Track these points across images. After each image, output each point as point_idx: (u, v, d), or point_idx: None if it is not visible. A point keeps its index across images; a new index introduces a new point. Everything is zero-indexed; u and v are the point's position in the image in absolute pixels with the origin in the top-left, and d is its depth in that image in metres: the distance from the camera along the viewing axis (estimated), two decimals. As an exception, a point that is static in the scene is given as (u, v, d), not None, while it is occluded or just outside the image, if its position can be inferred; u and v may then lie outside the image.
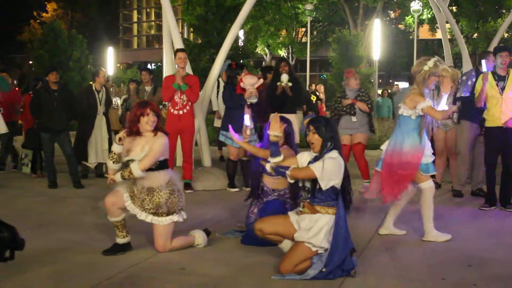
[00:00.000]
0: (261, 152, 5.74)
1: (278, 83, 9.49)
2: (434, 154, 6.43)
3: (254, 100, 8.65)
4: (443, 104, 6.37)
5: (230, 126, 6.14)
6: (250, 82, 8.65)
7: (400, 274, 5.10)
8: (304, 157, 5.19)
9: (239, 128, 7.59)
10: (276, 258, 5.30)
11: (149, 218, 5.57)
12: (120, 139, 5.58)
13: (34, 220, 7.04)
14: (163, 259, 5.51)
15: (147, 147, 5.52)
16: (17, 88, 13.74)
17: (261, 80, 8.89)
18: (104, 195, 5.77)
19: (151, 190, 5.55)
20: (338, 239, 4.89)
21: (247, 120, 6.35)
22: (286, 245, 5.24)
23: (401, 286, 4.82)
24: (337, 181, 4.95)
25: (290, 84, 9.50)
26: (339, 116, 9.25)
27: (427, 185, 6.19)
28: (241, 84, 8.71)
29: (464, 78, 8.73)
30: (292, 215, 5.18)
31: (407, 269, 5.27)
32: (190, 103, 9.07)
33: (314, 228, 4.94)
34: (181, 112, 9.00)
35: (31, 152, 10.89)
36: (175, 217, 5.63)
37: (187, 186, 9.10)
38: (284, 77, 9.47)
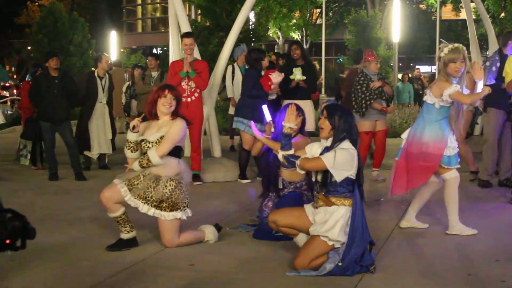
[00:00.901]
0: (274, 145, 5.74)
1: (291, 77, 9.38)
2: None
3: (274, 97, 8.73)
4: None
5: (252, 123, 6.20)
6: (278, 81, 8.76)
7: (422, 270, 5.08)
8: (314, 149, 5.17)
9: (258, 119, 7.66)
10: (290, 254, 5.30)
11: (151, 211, 5.51)
12: (134, 127, 5.57)
13: (35, 214, 7.06)
14: (171, 254, 5.52)
15: (164, 129, 5.53)
16: (15, 76, 13.80)
17: (282, 75, 8.92)
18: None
19: (158, 178, 5.52)
20: (355, 232, 4.88)
21: (268, 114, 6.32)
22: (301, 239, 5.22)
23: (424, 283, 4.80)
24: (351, 172, 4.94)
25: (303, 78, 9.39)
26: (371, 101, 9.10)
27: (452, 175, 6.13)
28: (269, 83, 8.77)
29: (488, 64, 8.66)
30: (307, 207, 5.17)
31: (431, 264, 5.25)
32: (198, 90, 9.06)
33: (330, 221, 4.93)
34: (189, 99, 8.97)
35: (30, 142, 10.91)
36: (178, 214, 5.56)
37: (196, 177, 9.12)
38: (297, 74, 9.33)
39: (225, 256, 5.51)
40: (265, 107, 6.37)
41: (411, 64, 46.04)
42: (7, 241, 2.70)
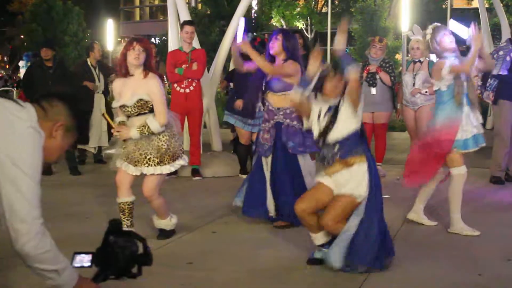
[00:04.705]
0: (268, 66, 6.01)
1: None
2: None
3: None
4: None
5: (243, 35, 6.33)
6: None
7: (431, 269, 5.09)
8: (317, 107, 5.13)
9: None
10: (290, 253, 5.32)
11: (158, 169, 5.66)
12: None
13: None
14: (169, 252, 5.54)
15: (140, 91, 5.59)
16: (7, 66, 13.82)
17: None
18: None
19: (147, 136, 5.63)
20: (377, 188, 4.98)
21: (241, 31, 6.37)
22: (318, 238, 5.18)
23: (433, 283, 4.81)
24: (358, 124, 4.98)
25: None
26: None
27: (458, 172, 6.09)
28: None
29: (501, 53, 8.60)
30: (324, 179, 5.09)
31: (439, 263, 5.25)
32: (196, 80, 9.03)
33: (354, 179, 4.95)
34: (187, 90, 8.96)
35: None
36: (181, 162, 5.80)
37: (195, 172, 9.13)
38: None
39: (224, 254, 5.52)
40: (242, 22, 6.44)
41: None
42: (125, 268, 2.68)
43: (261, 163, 6.42)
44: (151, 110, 5.62)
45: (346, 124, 4.93)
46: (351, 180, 4.94)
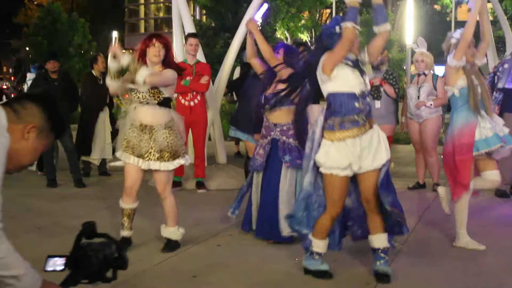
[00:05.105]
0: (269, 52, 6.10)
1: None
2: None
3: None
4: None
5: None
6: None
7: (436, 281, 5.08)
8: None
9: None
10: (295, 267, 5.30)
11: (156, 165, 5.72)
12: (114, 56, 5.58)
13: (33, 222, 7.09)
14: (173, 266, 5.53)
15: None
16: (12, 78, 13.86)
17: None
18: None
19: (151, 128, 5.68)
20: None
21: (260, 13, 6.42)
22: (324, 244, 5.18)
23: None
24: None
25: None
26: None
27: (492, 177, 6.03)
28: None
29: (506, 66, 8.58)
30: (343, 171, 4.89)
31: (445, 275, 5.24)
32: (201, 92, 9.04)
33: (382, 143, 4.95)
34: (192, 103, 8.98)
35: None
36: (182, 161, 5.86)
37: (200, 185, 9.12)
38: None
39: (229, 267, 5.51)
40: (264, 7, 6.47)
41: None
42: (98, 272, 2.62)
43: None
44: (160, 103, 5.69)
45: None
46: (380, 145, 4.92)
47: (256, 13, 6.19)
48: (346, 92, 4.87)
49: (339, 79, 4.88)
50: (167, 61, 5.75)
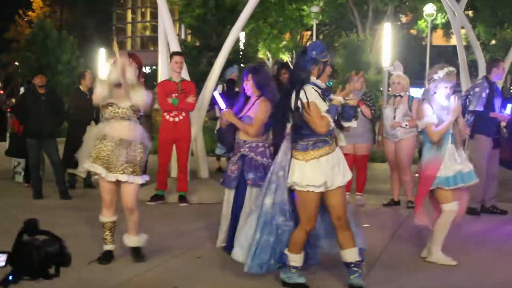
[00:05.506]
0: (252, 130, 5.92)
1: None
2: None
3: None
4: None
5: (216, 93, 6.46)
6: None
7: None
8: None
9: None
10: (274, 279, 5.29)
11: (130, 178, 5.71)
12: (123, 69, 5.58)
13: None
14: (156, 275, 5.52)
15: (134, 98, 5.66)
16: (1, 91, 13.79)
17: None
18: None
19: (128, 143, 5.68)
20: None
21: (221, 101, 6.32)
22: (300, 258, 5.20)
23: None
24: None
25: None
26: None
27: (448, 208, 6.08)
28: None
29: (477, 90, 8.69)
30: (318, 188, 4.98)
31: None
32: (185, 109, 9.06)
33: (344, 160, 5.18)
34: (176, 119, 8.98)
35: (24, 160, 10.84)
36: (146, 177, 5.94)
37: (182, 198, 9.11)
38: None
39: (209, 280, 5.49)
40: (216, 94, 6.43)
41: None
42: (40, 269, 2.55)
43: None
44: (137, 119, 5.76)
45: None
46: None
47: (219, 104, 6.17)
48: None
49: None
50: (138, 79, 5.80)
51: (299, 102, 4.95)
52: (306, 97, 4.94)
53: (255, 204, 5.35)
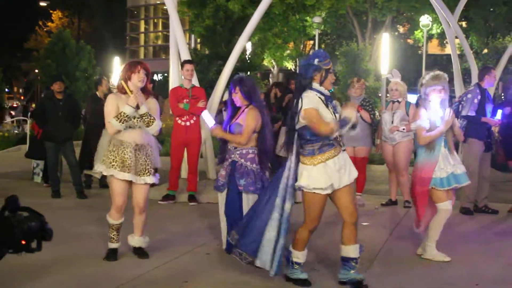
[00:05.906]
0: (241, 140, 5.82)
1: None
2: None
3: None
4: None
5: (206, 112, 6.42)
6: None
7: (405, 292, 5.08)
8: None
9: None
10: (279, 277, 5.28)
11: (149, 179, 5.79)
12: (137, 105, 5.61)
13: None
14: (166, 271, 5.50)
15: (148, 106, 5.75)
16: (22, 97, 13.84)
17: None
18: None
19: (144, 147, 5.75)
20: None
21: (210, 119, 6.29)
22: (303, 255, 5.20)
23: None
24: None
25: None
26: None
27: (444, 207, 6.07)
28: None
29: (469, 96, 8.66)
30: (324, 191, 4.95)
31: (417, 284, 5.24)
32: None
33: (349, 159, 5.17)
34: (188, 123, 8.99)
35: (43, 161, 10.89)
36: (158, 176, 5.95)
37: (192, 198, 9.11)
38: None
39: (218, 276, 5.47)
40: (205, 113, 6.40)
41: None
42: (22, 242, 2.54)
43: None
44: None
45: None
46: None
47: (208, 122, 6.15)
48: None
49: None
50: (145, 86, 5.77)
51: (298, 108, 4.95)
52: (301, 104, 4.93)
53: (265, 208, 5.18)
